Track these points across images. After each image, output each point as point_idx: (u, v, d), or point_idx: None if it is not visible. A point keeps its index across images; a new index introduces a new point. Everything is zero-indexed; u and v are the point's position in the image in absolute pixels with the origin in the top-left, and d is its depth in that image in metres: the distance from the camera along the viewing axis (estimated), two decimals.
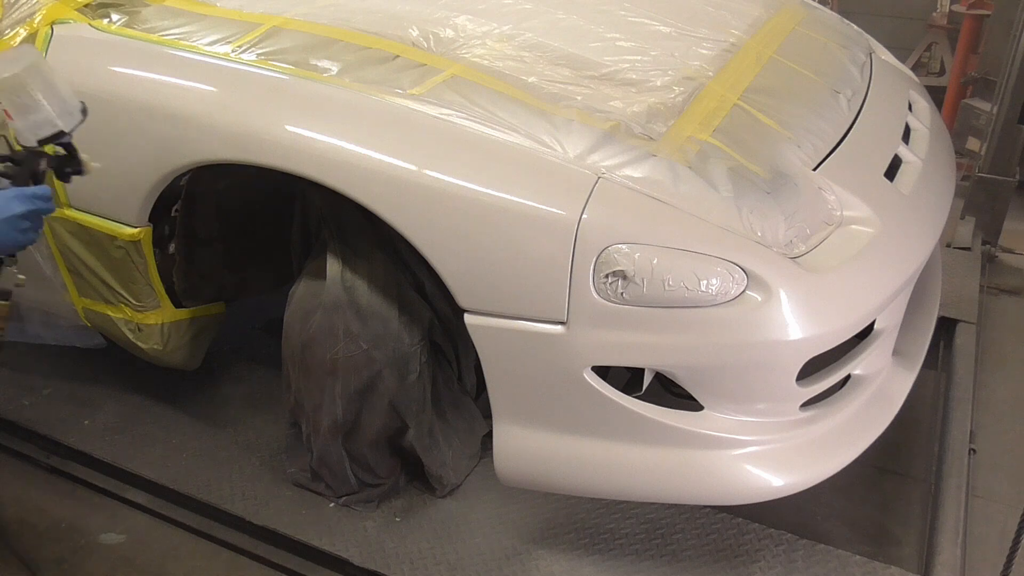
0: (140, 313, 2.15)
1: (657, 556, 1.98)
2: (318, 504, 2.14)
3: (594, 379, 1.65)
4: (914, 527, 2.17)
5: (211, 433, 2.38)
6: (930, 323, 2.16)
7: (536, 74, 1.90)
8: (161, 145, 1.88)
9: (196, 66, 1.90)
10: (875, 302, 1.72)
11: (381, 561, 1.98)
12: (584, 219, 1.57)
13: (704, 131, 1.80)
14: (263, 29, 1.97)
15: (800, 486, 1.73)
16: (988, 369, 2.80)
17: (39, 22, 2.04)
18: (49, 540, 2.15)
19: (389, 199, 1.69)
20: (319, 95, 1.80)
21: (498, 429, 1.79)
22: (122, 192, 1.98)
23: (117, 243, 2.03)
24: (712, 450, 1.68)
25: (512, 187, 1.63)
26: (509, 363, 1.71)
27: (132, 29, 2.01)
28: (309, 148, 1.74)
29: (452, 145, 1.70)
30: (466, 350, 2.06)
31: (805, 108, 2.02)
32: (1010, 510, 2.22)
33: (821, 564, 1.95)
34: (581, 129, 1.71)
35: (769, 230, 1.64)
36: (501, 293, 1.65)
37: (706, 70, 2.05)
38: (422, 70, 1.85)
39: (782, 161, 1.80)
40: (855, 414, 1.83)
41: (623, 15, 2.29)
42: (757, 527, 2.04)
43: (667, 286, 1.56)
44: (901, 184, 2.00)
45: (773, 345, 1.59)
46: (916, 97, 2.46)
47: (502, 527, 2.06)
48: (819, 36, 2.46)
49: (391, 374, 1.93)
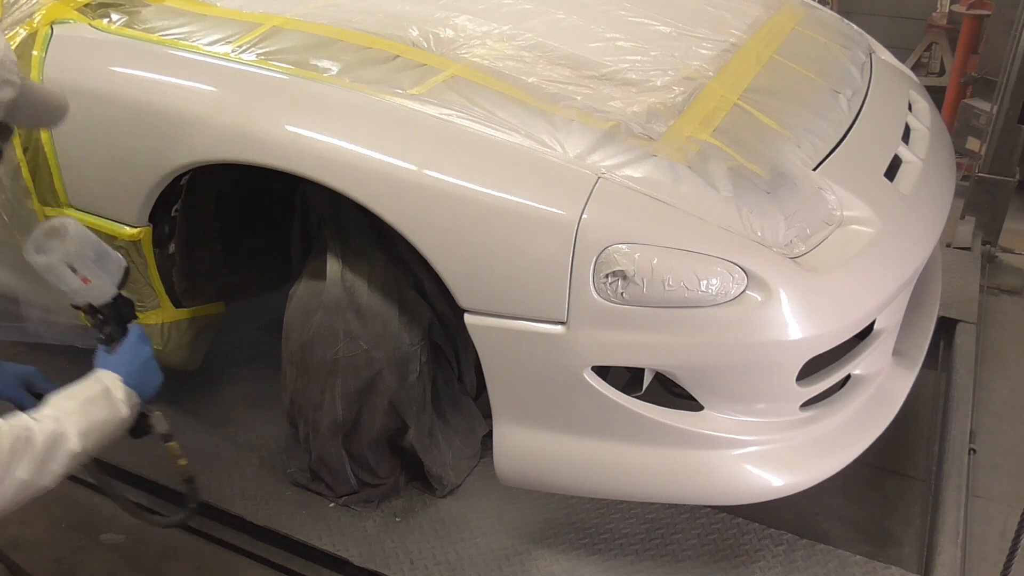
0: (140, 313, 2.14)
1: (657, 556, 1.98)
2: (318, 504, 2.14)
3: (594, 379, 1.65)
4: (914, 527, 2.17)
5: (211, 433, 2.38)
6: (930, 323, 2.16)
7: (536, 74, 1.90)
8: (161, 145, 1.88)
9: (196, 66, 1.90)
10: (875, 302, 1.72)
11: (381, 561, 1.98)
12: (584, 219, 1.57)
13: (704, 131, 1.80)
14: (263, 29, 1.97)
15: (800, 486, 1.73)
16: (988, 369, 2.80)
17: (39, 22, 2.03)
18: (49, 540, 2.15)
19: (389, 199, 1.69)
20: (319, 95, 1.80)
21: (498, 429, 1.79)
22: (122, 192, 1.98)
23: (117, 243, 2.03)
24: (712, 450, 1.68)
25: (512, 187, 1.63)
26: (509, 363, 1.71)
27: (132, 29, 2.01)
28: (309, 148, 1.74)
29: (452, 145, 1.70)
30: (466, 350, 2.06)
31: (805, 108, 2.02)
32: (1010, 510, 2.22)
33: (821, 564, 1.95)
34: (581, 129, 1.71)
35: (769, 230, 1.64)
36: (501, 293, 1.65)
37: (706, 70, 2.05)
38: (422, 70, 1.85)
39: (782, 161, 1.80)
40: (855, 414, 1.83)
41: (623, 15, 2.29)
42: (757, 527, 2.04)
43: (667, 286, 1.56)
44: (901, 184, 2.00)
45: (773, 345, 1.59)
46: (916, 97, 2.46)
47: (502, 527, 2.06)
48: (819, 36, 2.46)
49: (391, 374, 1.93)
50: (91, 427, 1.42)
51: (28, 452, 1.31)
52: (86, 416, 1.43)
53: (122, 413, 1.49)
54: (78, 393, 1.47)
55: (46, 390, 1.70)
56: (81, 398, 1.45)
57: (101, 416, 1.45)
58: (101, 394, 1.48)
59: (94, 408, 1.45)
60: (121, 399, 1.49)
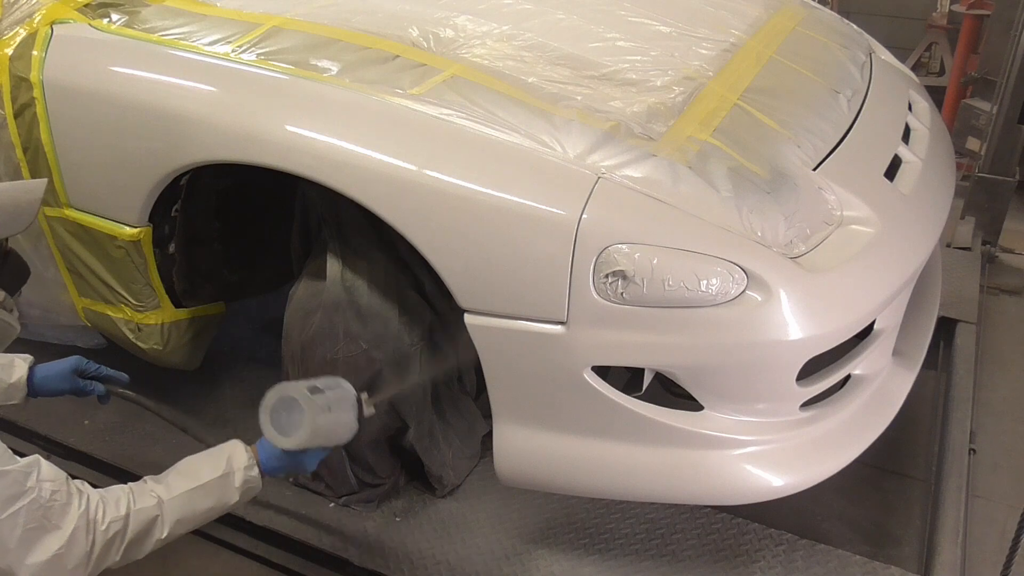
0: (140, 313, 2.15)
1: (657, 556, 1.98)
2: (318, 504, 2.14)
3: (594, 379, 1.65)
4: (914, 527, 2.17)
5: (211, 433, 2.37)
6: (930, 323, 2.16)
7: (536, 74, 1.90)
8: (161, 145, 1.88)
9: (196, 66, 1.90)
10: (875, 302, 1.72)
11: (381, 561, 1.98)
12: (584, 219, 1.57)
13: (704, 131, 1.80)
14: (263, 29, 1.97)
15: (800, 486, 1.73)
16: (988, 369, 2.80)
17: (39, 22, 2.03)
18: None
19: (389, 199, 1.69)
20: (319, 95, 1.80)
21: (498, 429, 1.79)
22: (122, 192, 1.98)
23: (117, 243, 2.03)
24: (712, 450, 1.68)
25: (512, 187, 1.63)
26: (509, 363, 1.71)
27: (132, 29, 2.01)
28: (309, 148, 1.74)
29: (452, 145, 1.70)
30: (466, 350, 2.06)
31: (805, 108, 2.02)
32: (1010, 510, 2.22)
33: (821, 564, 1.95)
34: (581, 129, 1.71)
35: (769, 230, 1.64)
36: (501, 293, 1.65)
37: (706, 70, 2.05)
38: (422, 70, 1.85)
39: (782, 161, 1.80)
40: (855, 414, 1.83)
41: (623, 15, 2.29)
42: (757, 527, 2.04)
43: (667, 286, 1.56)
44: (901, 184, 1.99)
45: (773, 345, 1.59)
46: (916, 97, 2.46)
47: (502, 527, 2.06)
48: (819, 36, 2.46)
49: (391, 374, 1.93)
50: (189, 517, 1.42)
51: (115, 542, 1.33)
52: (190, 504, 1.42)
53: (231, 500, 1.48)
54: (197, 471, 1.46)
55: (97, 370, 1.81)
56: (198, 480, 1.44)
57: (206, 505, 1.45)
58: (219, 480, 1.46)
59: (203, 496, 1.44)
60: (237, 487, 1.48)
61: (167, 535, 1.40)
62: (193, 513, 1.44)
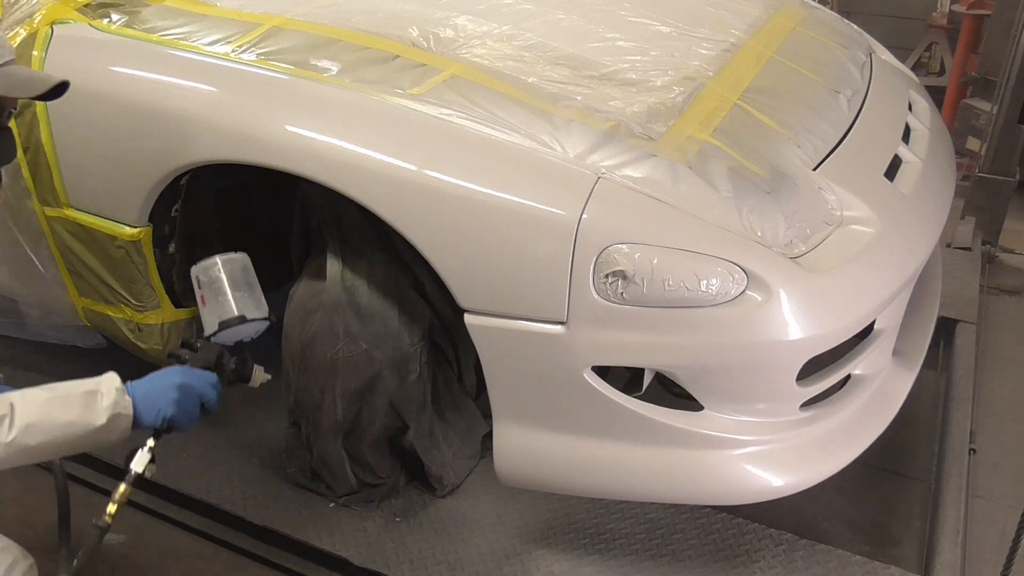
0: (140, 313, 2.15)
1: (657, 556, 1.98)
2: (318, 504, 2.14)
3: (594, 379, 1.65)
4: (914, 527, 2.17)
5: (211, 433, 2.37)
6: (930, 323, 2.16)
7: (536, 74, 1.90)
8: (161, 145, 1.88)
9: (196, 66, 1.90)
10: (875, 302, 1.72)
11: (381, 561, 1.98)
12: (584, 219, 1.57)
13: (704, 131, 1.80)
14: (263, 29, 1.97)
15: (800, 486, 1.73)
16: (988, 369, 2.80)
17: (39, 22, 2.03)
18: (49, 540, 2.14)
19: (389, 199, 1.69)
20: (319, 95, 1.80)
21: (498, 429, 1.79)
22: (122, 192, 1.98)
23: (117, 243, 2.03)
24: (712, 450, 1.68)
25: (512, 187, 1.63)
26: (509, 363, 1.71)
27: (132, 29, 2.01)
28: (309, 148, 1.74)
29: (452, 145, 1.70)
30: (466, 350, 2.06)
31: (805, 108, 2.02)
32: (1010, 510, 2.21)
33: (821, 564, 1.95)
34: (581, 129, 1.71)
35: (769, 230, 1.64)
36: (501, 293, 1.65)
37: (706, 70, 2.05)
38: (422, 70, 1.85)
39: (782, 161, 1.80)
40: (855, 414, 1.83)
41: (623, 15, 2.29)
42: (757, 527, 2.04)
43: (667, 286, 1.56)
44: (901, 184, 2.00)
45: (773, 345, 1.59)
46: (916, 97, 2.46)
47: (502, 527, 2.06)
48: (819, 36, 2.46)
49: (391, 374, 1.93)
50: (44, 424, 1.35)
51: None
52: (46, 412, 1.36)
53: (96, 421, 1.40)
54: (62, 387, 1.40)
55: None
56: (58, 392, 1.39)
57: (65, 417, 1.37)
58: (83, 395, 1.40)
59: (62, 407, 1.38)
60: (105, 407, 1.41)
61: (13, 437, 1.32)
62: (49, 421, 1.35)
